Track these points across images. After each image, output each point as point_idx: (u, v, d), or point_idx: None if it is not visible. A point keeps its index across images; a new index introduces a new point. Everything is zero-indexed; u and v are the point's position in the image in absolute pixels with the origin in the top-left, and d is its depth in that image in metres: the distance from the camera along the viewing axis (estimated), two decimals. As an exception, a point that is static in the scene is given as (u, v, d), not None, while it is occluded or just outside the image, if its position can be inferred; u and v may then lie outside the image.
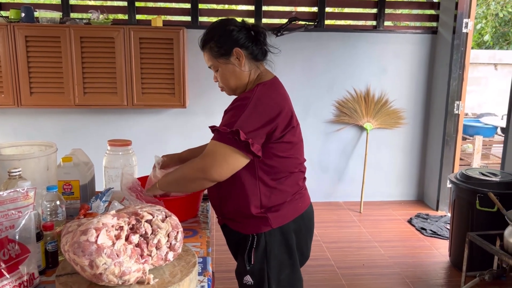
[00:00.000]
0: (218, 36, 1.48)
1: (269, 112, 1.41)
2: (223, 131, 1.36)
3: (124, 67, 3.57)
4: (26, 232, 1.16)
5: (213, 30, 1.50)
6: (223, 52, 1.48)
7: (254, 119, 1.38)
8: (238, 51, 1.47)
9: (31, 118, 3.94)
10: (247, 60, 1.50)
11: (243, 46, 1.48)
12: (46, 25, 3.47)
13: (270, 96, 1.44)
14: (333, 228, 3.76)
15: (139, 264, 1.10)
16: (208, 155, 1.39)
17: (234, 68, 1.49)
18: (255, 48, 1.51)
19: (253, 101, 1.40)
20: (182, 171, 1.47)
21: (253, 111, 1.39)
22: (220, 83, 1.56)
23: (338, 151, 4.36)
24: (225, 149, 1.37)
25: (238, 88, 1.53)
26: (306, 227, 1.60)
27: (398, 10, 4.39)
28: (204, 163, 1.39)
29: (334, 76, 4.21)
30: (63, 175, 1.65)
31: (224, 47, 1.48)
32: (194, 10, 3.98)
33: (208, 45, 1.51)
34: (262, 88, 1.45)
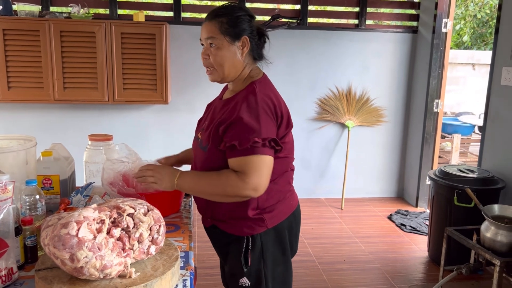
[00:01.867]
0: (236, 16, 1.43)
1: (275, 112, 1.41)
2: (260, 143, 1.32)
3: (105, 62, 3.53)
4: (4, 226, 1.14)
5: (233, 9, 1.44)
6: (232, 33, 1.42)
7: (271, 122, 1.38)
8: (246, 40, 1.44)
9: (9, 113, 3.85)
10: (248, 55, 1.47)
11: (252, 39, 1.46)
12: (25, 18, 3.40)
13: (269, 96, 1.44)
14: (315, 225, 3.79)
15: (121, 258, 1.10)
16: (253, 172, 1.32)
17: (235, 53, 1.44)
18: (258, 47, 1.51)
19: (260, 103, 1.38)
20: (221, 189, 1.36)
21: (266, 115, 1.37)
22: (209, 62, 1.45)
23: (320, 148, 4.39)
24: (269, 161, 1.36)
25: (229, 75, 1.46)
26: (296, 223, 1.62)
27: (379, 9, 4.44)
28: (256, 181, 1.32)
29: (316, 74, 4.24)
30: (43, 170, 1.62)
31: (236, 29, 1.42)
32: (176, 5, 3.95)
33: (220, 18, 1.42)
34: (260, 87, 1.44)
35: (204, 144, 1.46)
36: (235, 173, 1.34)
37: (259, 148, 1.33)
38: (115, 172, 1.49)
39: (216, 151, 1.41)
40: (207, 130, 1.47)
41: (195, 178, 1.43)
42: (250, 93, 1.42)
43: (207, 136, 1.44)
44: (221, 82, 1.50)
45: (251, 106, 1.37)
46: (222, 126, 1.38)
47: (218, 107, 1.52)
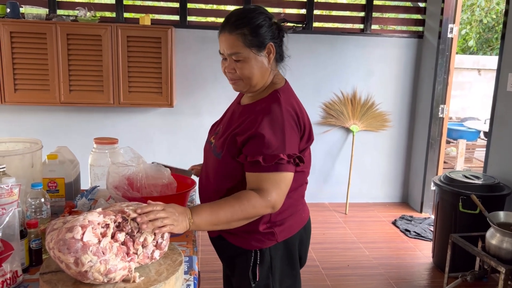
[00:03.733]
0: (257, 24, 1.31)
1: (299, 124, 1.35)
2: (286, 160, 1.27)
3: (111, 65, 3.55)
4: (10, 229, 1.14)
5: (252, 16, 1.32)
6: (257, 43, 1.32)
7: (295, 135, 1.32)
8: (271, 47, 1.34)
9: (15, 115, 3.88)
10: (274, 59, 1.38)
11: (276, 42, 1.36)
12: (32, 21, 3.43)
13: (293, 106, 1.36)
14: (319, 229, 3.78)
15: (125, 262, 1.10)
16: (274, 189, 1.27)
17: (262, 63, 1.34)
18: (281, 48, 1.40)
19: (285, 115, 1.30)
20: (245, 212, 1.26)
21: (291, 129, 1.31)
22: (236, 75, 1.35)
23: (324, 153, 4.38)
24: (290, 177, 1.31)
25: (257, 85, 1.37)
26: (307, 236, 1.55)
27: (385, 14, 4.44)
28: (273, 199, 1.27)
29: (321, 78, 4.24)
30: (48, 173, 1.63)
31: (260, 38, 1.32)
32: (182, 9, 3.97)
33: (241, 30, 1.31)
34: (284, 96, 1.36)
35: (218, 150, 1.38)
36: (255, 193, 1.27)
37: (284, 165, 1.27)
38: (120, 175, 1.49)
39: (231, 160, 1.34)
40: (222, 136, 1.39)
41: (212, 212, 1.25)
42: (274, 103, 1.32)
43: (222, 143, 1.37)
44: (246, 92, 1.42)
45: (275, 119, 1.29)
46: (241, 137, 1.31)
47: (236, 113, 1.42)
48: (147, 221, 1.14)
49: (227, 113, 1.52)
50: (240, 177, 1.34)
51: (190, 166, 1.73)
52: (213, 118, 4.71)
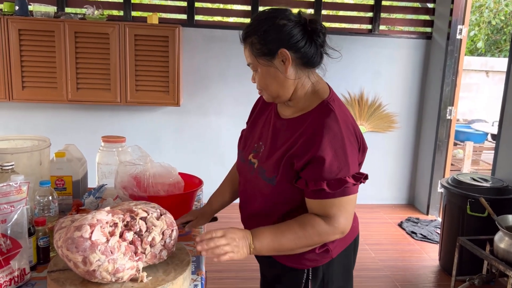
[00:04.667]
0: (263, 30, 1.18)
1: (356, 137, 1.24)
2: (351, 183, 1.16)
3: (119, 64, 3.55)
4: (18, 227, 1.14)
5: (260, 22, 1.20)
6: (266, 51, 1.19)
7: (356, 152, 1.22)
8: (285, 53, 1.17)
9: (22, 112, 3.89)
10: (295, 66, 1.20)
11: (293, 47, 1.18)
12: (40, 19, 3.44)
13: (349, 118, 1.23)
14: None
15: (133, 262, 1.09)
16: (341, 214, 1.17)
17: (276, 73, 1.20)
18: (309, 51, 1.20)
19: (345, 132, 1.17)
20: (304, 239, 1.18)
21: (351, 146, 1.19)
22: (258, 86, 1.27)
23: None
24: (355, 198, 1.21)
25: (281, 96, 1.24)
26: (356, 244, 1.45)
27: (393, 14, 4.41)
28: (342, 224, 1.18)
29: (328, 79, 4.18)
30: (56, 171, 1.63)
31: (269, 45, 1.18)
32: (190, 8, 3.96)
33: (250, 39, 1.21)
34: (337, 108, 1.21)
35: (270, 175, 1.23)
36: (321, 219, 1.17)
37: (350, 188, 1.17)
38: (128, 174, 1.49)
39: (288, 186, 1.21)
40: (270, 157, 1.25)
41: (274, 238, 1.17)
42: (329, 117, 1.18)
43: (275, 167, 1.22)
44: (277, 102, 1.30)
45: (335, 136, 1.15)
46: (299, 161, 1.17)
47: (280, 128, 1.28)
48: (207, 249, 1.11)
49: (265, 126, 1.34)
50: (299, 202, 1.23)
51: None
52: (220, 118, 4.71)
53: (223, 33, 4.01)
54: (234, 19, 4.19)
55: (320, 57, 1.25)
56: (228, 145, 4.20)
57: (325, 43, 1.25)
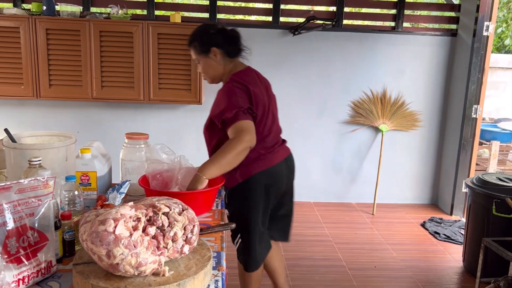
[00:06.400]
0: (200, 37, 1.93)
1: (247, 90, 1.85)
2: (240, 113, 1.76)
3: (142, 62, 3.60)
4: (45, 220, 1.17)
5: (198, 33, 1.95)
6: (203, 50, 1.92)
7: (244, 96, 1.83)
8: (215, 50, 1.91)
9: (49, 110, 3.99)
10: (222, 57, 1.94)
11: (219, 46, 1.92)
12: (66, 19, 3.51)
13: (240, 81, 1.87)
14: (345, 229, 3.74)
15: (155, 256, 1.11)
16: (243, 130, 1.74)
17: (211, 62, 1.94)
18: (230, 48, 1.94)
19: (235, 85, 1.84)
20: (229, 150, 1.72)
21: (238, 91, 1.82)
22: (202, 73, 2.02)
23: (352, 152, 4.33)
24: (246, 122, 1.76)
25: (215, 78, 1.99)
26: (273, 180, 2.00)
27: (417, 11, 4.34)
28: (247, 135, 1.73)
29: (350, 77, 4.19)
30: (81, 166, 1.67)
31: (205, 46, 1.91)
32: (212, 7, 3.99)
33: (193, 44, 1.94)
34: (236, 76, 1.90)
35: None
36: (232, 137, 1.76)
37: (241, 117, 1.76)
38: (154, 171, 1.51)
39: (211, 128, 1.96)
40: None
41: (212, 161, 1.74)
42: (228, 82, 1.89)
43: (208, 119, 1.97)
44: (213, 83, 2.04)
45: (224, 90, 1.85)
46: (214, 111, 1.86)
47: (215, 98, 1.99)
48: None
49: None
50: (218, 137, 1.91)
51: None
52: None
53: (245, 31, 3.99)
54: (256, 17, 4.19)
55: (238, 51, 1.99)
56: (249, 143, 4.21)
57: (240, 42, 1.99)
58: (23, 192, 1.13)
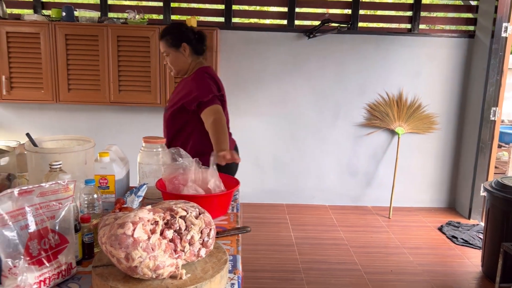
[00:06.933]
0: (173, 32, 2.19)
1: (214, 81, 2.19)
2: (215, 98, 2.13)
3: (158, 67, 3.64)
4: (65, 223, 1.20)
5: (172, 28, 2.23)
6: (175, 43, 2.18)
7: (214, 86, 2.17)
8: (185, 45, 2.19)
9: (68, 113, 4.06)
10: (190, 53, 2.21)
11: (189, 42, 2.19)
12: (85, 24, 3.58)
13: (210, 74, 2.20)
14: (361, 233, 3.71)
15: (173, 259, 1.13)
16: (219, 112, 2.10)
17: (180, 56, 2.20)
18: (197, 46, 2.22)
19: (206, 76, 2.17)
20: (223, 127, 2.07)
21: (210, 81, 2.16)
22: (168, 65, 2.25)
23: (367, 155, 4.30)
24: (216, 107, 2.11)
25: (181, 70, 2.25)
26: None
27: (433, 13, 4.30)
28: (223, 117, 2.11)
29: (366, 79, 4.17)
30: (100, 170, 1.69)
31: (176, 40, 2.18)
32: (227, 11, 4.01)
33: (165, 37, 2.19)
34: (204, 69, 2.22)
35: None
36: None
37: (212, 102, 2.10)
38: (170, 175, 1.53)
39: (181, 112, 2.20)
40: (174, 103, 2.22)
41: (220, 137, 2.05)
42: (197, 73, 2.19)
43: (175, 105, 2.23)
44: (178, 75, 2.29)
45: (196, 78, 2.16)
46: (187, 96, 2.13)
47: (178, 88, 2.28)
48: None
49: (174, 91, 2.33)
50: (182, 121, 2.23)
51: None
52: (255, 118, 4.77)
53: (260, 35, 4.04)
54: (271, 21, 4.21)
55: (203, 50, 2.27)
56: (264, 146, 4.22)
57: (205, 43, 2.28)
58: (44, 195, 1.16)
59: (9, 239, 1.06)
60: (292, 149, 4.27)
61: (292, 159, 4.30)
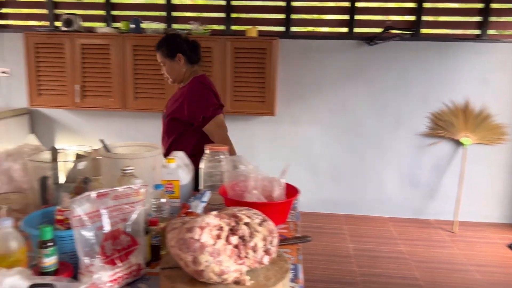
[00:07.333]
0: (168, 43, 2.31)
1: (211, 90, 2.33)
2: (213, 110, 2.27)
3: (220, 75, 3.74)
4: (136, 225, 1.26)
5: (167, 39, 2.35)
6: (170, 54, 2.30)
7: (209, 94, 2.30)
8: (180, 56, 2.30)
9: (134, 120, 4.27)
10: (185, 63, 2.32)
11: (183, 52, 2.30)
12: (151, 36, 3.76)
13: (205, 83, 2.33)
14: (422, 247, 3.57)
15: (237, 265, 1.15)
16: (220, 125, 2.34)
17: (175, 66, 2.32)
18: (192, 55, 2.33)
19: (202, 86, 2.31)
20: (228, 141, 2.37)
21: (206, 91, 2.30)
22: (165, 75, 2.37)
23: (430, 166, 4.14)
24: (219, 117, 2.31)
25: (176, 79, 2.36)
26: None
27: (504, 18, 4.07)
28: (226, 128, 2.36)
29: (429, 87, 4.02)
30: (166, 175, 1.76)
31: (171, 51, 2.29)
32: (287, 20, 4.05)
33: (161, 49, 2.31)
34: (199, 78, 2.34)
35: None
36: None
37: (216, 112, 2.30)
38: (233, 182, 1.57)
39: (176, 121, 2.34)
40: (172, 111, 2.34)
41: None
42: (193, 83, 2.32)
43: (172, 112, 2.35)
44: (174, 83, 2.40)
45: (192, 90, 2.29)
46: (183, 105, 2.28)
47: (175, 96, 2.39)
48: None
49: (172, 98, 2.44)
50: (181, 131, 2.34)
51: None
52: (313, 127, 4.74)
53: (319, 43, 4.03)
54: (329, 29, 4.19)
55: (198, 59, 2.38)
56: (321, 154, 4.19)
57: (199, 52, 2.39)
58: (118, 198, 1.23)
59: (87, 239, 1.14)
60: (351, 158, 4.20)
61: (351, 169, 4.22)
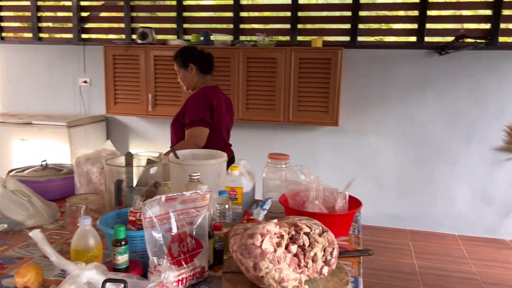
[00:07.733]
0: (182, 54, 2.57)
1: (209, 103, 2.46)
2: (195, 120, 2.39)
3: (283, 86, 3.79)
4: (201, 229, 1.32)
5: (182, 51, 2.59)
6: (183, 64, 2.55)
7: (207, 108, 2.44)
8: (192, 66, 2.53)
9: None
10: (197, 72, 2.55)
11: (195, 63, 2.53)
12: (219, 47, 3.90)
13: (208, 94, 2.49)
14: (497, 269, 3.34)
15: (297, 274, 1.17)
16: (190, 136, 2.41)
17: (188, 74, 2.56)
18: (203, 65, 2.56)
19: (202, 98, 2.47)
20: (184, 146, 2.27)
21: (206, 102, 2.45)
22: (180, 82, 2.62)
23: (507, 183, 3.88)
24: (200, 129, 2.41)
25: (189, 87, 2.60)
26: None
27: None
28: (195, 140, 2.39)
29: (506, 99, 3.79)
30: (230, 182, 1.83)
31: (185, 61, 2.54)
32: (353, 30, 4.01)
33: (177, 58, 2.57)
34: (206, 89, 2.54)
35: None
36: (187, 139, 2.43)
37: (197, 123, 2.41)
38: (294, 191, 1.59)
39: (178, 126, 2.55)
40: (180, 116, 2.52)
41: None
42: (198, 93, 2.53)
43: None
44: (188, 91, 2.62)
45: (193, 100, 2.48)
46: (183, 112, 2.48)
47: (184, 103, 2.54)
48: None
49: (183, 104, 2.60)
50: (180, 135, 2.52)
51: None
52: (379, 138, 4.64)
53: (386, 53, 3.95)
54: (397, 38, 4.09)
55: (209, 69, 2.60)
56: (386, 166, 4.08)
57: (212, 62, 2.62)
58: (185, 203, 1.30)
59: (156, 240, 1.21)
60: (418, 171, 4.04)
61: (418, 182, 4.07)
